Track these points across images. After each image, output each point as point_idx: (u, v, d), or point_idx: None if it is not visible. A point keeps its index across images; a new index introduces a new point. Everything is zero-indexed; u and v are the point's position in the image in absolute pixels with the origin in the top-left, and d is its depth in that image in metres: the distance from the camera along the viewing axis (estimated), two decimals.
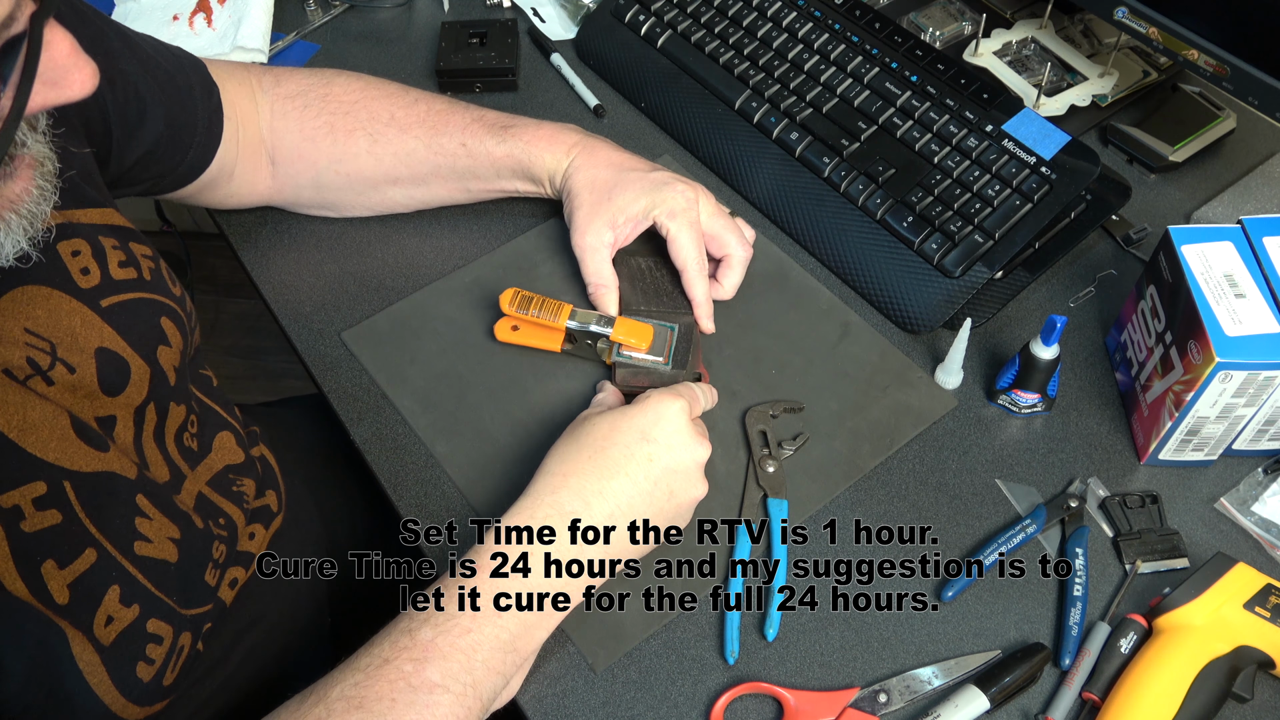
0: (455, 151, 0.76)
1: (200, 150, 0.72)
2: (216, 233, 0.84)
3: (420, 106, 0.77)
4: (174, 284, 0.64)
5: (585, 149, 0.75)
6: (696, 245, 0.73)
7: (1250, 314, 0.62)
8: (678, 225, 0.72)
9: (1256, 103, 0.72)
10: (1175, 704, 0.56)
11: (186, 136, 0.71)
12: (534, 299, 0.72)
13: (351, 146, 0.76)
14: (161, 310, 0.61)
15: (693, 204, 0.73)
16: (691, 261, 0.73)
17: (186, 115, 0.70)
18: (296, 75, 0.78)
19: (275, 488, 0.73)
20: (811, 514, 0.67)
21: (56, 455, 0.51)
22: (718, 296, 0.76)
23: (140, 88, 0.66)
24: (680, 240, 0.72)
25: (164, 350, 0.60)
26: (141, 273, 0.60)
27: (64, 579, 0.50)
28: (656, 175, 0.74)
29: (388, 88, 0.78)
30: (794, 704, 0.59)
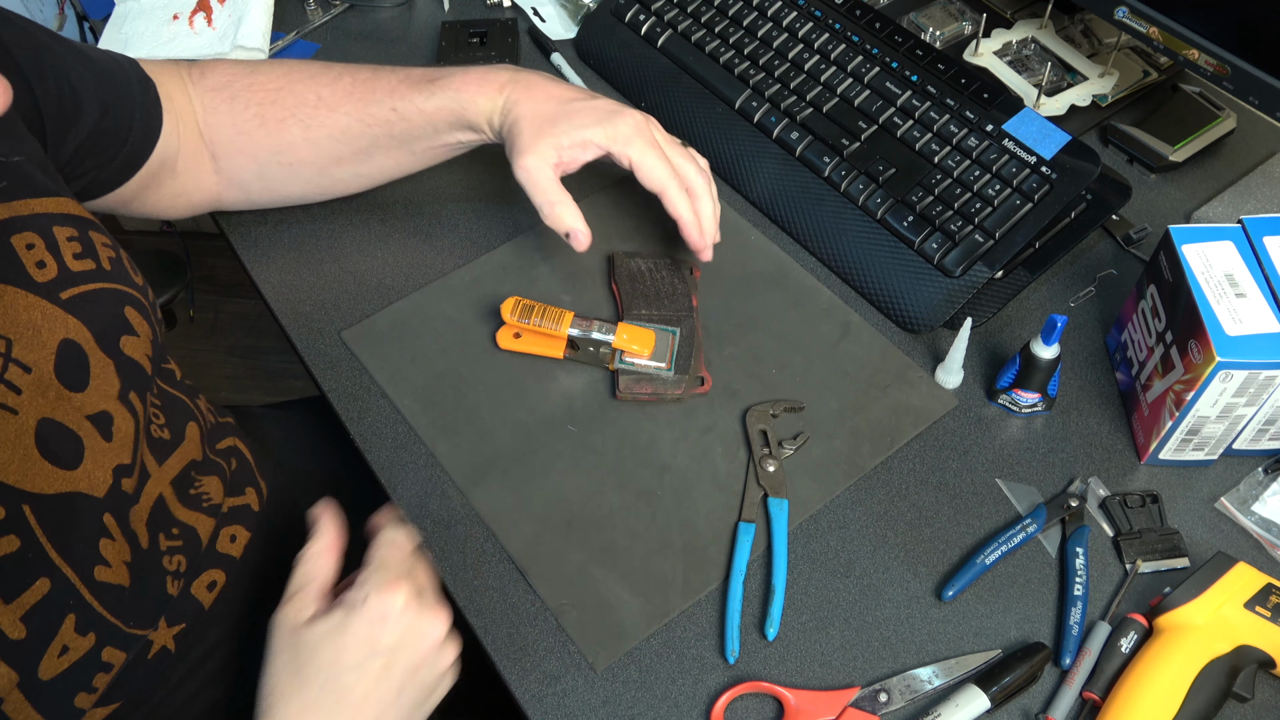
0: (388, 118, 0.74)
1: (136, 145, 0.71)
2: (216, 233, 0.84)
3: (345, 80, 0.75)
4: (135, 273, 0.62)
5: (520, 84, 0.72)
6: (664, 162, 0.70)
7: (1251, 313, 0.62)
8: (639, 149, 0.69)
9: (1257, 103, 0.72)
10: (1176, 703, 0.56)
11: (123, 129, 0.69)
12: (535, 307, 0.72)
13: (286, 135, 0.75)
14: (124, 300, 0.60)
15: (644, 126, 0.71)
16: (666, 179, 0.70)
17: (122, 107, 0.69)
18: (221, 66, 0.77)
19: (254, 485, 0.71)
20: (812, 513, 0.67)
21: (17, 478, 0.50)
22: (703, 244, 0.73)
23: (73, 81, 0.65)
24: (646, 162, 0.70)
25: (130, 340, 0.59)
26: (100, 262, 0.59)
27: (14, 613, 0.49)
28: (601, 103, 0.71)
29: (311, 68, 0.76)
30: (794, 703, 0.59)
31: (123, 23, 1.00)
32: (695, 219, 0.71)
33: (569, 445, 0.70)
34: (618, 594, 0.63)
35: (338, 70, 0.76)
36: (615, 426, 0.71)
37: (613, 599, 0.63)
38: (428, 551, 0.62)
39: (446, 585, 0.64)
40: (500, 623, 0.63)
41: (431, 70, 0.75)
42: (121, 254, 0.62)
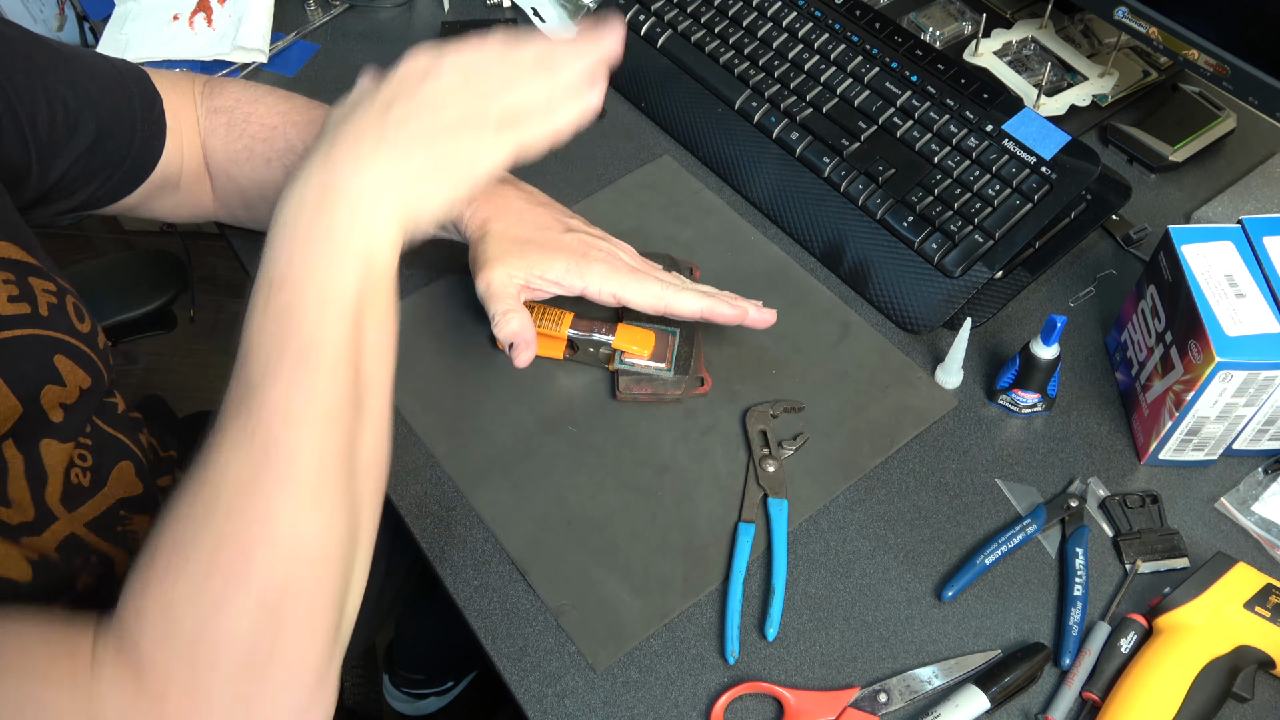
0: None
1: (137, 161, 0.70)
2: (217, 233, 0.84)
3: None
4: (80, 321, 0.61)
5: (494, 199, 0.71)
6: (653, 281, 0.69)
7: (1250, 314, 0.62)
8: (620, 285, 0.69)
9: (1256, 103, 0.72)
10: (1175, 704, 0.56)
11: (122, 148, 0.69)
12: (535, 308, 0.72)
13: (270, 176, 0.74)
14: (56, 347, 0.59)
15: (614, 258, 0.70)
16: (658, 299, 0.69)
17: (121, 127, 0.69)
18: (230, 88, 0.76)
19: None
20: (812, 514, 0.67)
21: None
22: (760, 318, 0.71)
23: (68, 100, 0.65)
24: (631, 297, 0.69)
25: (52, 390, 0.58)
26: (37, 308, 0.58)
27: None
28: (571, 239, 0.70)
29: (311, 113, 0.74)
30: (794, 704, 0.59)
31: (123, 23, 1.00)
32: (713, 302, 0.69)
33: (569, 445, 0.70)
34: (618, 594, 0.63)
35: None
36: (615, 427, 0.71)
37: (613, 599, 0.63)
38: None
39: (447, 585, 0.64)
40: (500, 623, 0.63)
41: None
42: (68, 300, 0.61)
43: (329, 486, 0.48)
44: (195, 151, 0.75)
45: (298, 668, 0.45)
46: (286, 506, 0.46)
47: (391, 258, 0.53)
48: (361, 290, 0.51)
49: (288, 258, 0.50)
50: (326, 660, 0.46)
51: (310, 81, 0.95)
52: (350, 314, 0.50)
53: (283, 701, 0.44)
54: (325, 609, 0.46)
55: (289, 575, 0.45)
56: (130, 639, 0.44)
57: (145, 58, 0.96)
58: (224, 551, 0.45)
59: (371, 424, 0.52)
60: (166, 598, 0.44)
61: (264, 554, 0.45)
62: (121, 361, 1.85)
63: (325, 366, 0.49)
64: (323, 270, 0.50)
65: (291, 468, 0.47)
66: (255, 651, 0.44)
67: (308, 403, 0.48)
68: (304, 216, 0.51)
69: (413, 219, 0.54)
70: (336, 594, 0.47)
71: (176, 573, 0.44)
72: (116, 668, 0.43)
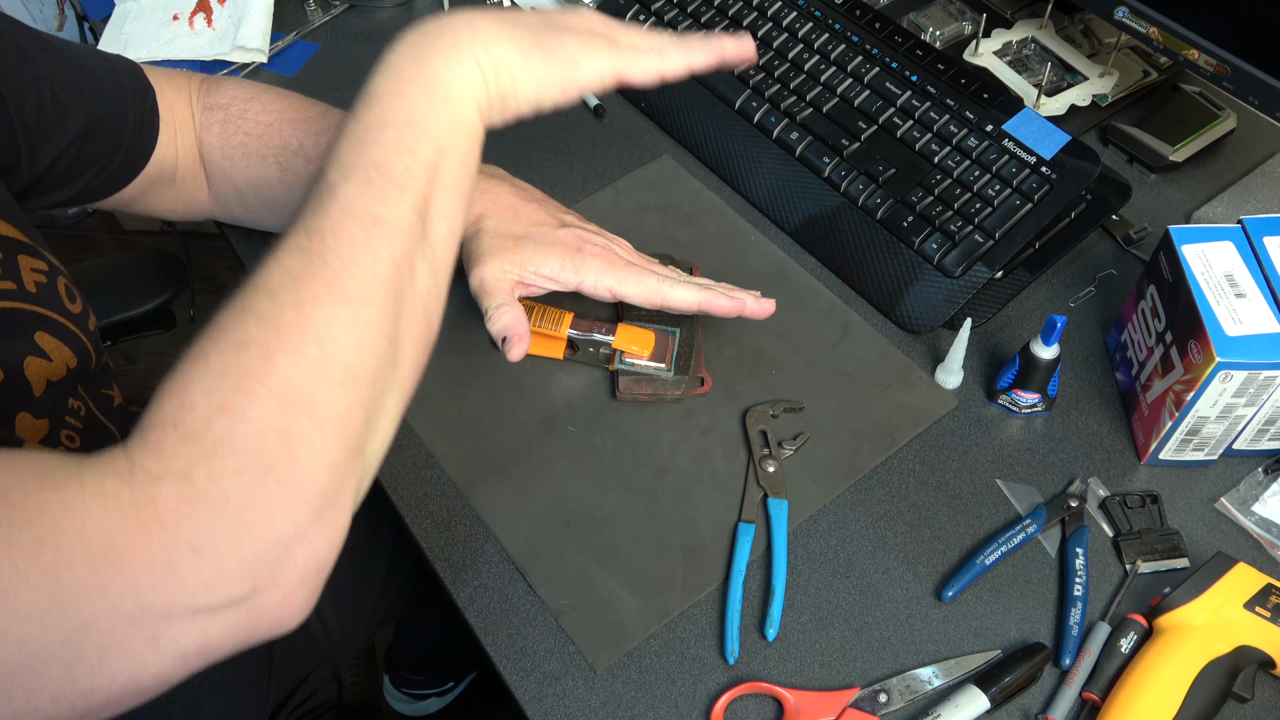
0: None
1: (131, 154, 0.70)
2: (217, 233, 0.84)
3: (332, 135, 0.72)
4: (72, 301, 0.62)
5: (487, 195, 0.71)
6: (647, 275, 0.69)
7: (1250, 314, 0.62)
8: (616, 280, 0.68)
9: (1256, 103, 0.72)
10: (1175, 704, 0.56)
11: (114, 139, 0.69)
12: (535, 308, 0.72)
13: (264, 173, 0.74)
14: (40, 323, 0.59)
15: (609, 252, 0.70)
16: (654, 292, 0.69)
17: (113, 118, 0.68)
18: (227, 85, 0.76)
19: None
20: (812, 514, 0.67)
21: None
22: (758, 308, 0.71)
23: (57, 89, 0.65)
24: (627, 291, 0.69)
25: (37, 364, 0.58)
26: (23, 284, 0.58)
27: None
28: (565, 234, 0.70)
29: (307, 111, 0.74)
30: (794, 704, 0.59)
31: (123, 23, 1.00)
32: (711, 295, 0.69)
33: (569, 446, 0.70)
34: (618, 594, 0.63)
35: (332, 121, 0.74)
36: (615, 427, 0.71)
37: (613, 599, 0.63)
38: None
39: (447, 585, 0.64)
40: (500, 623, 0.63)
41: None
42: (60, 281, 0.61)
43: (373, 304, 0.47)
44: (190, 146, 0.75)
45: (301, 482, 0.42)
46: (324, 314, 0.45)
47: (480, 110, 0.55)
48: (447, 127, 0.52)
49: (385, 81, 0.53)
50: (336, 484, 0.44)
51: (310, 81, 0.95)
52: (432, 144, 0.51)
53: (280, 514, 0.42)
54: (344, 429, 0.44)
55: (311, 383, 0.43)
56: (138, 430, 0.42)
57: (145, 58, 0.96)
58: (249, 350, 0.43)
59: (429, 264, 0.51)
60: (181, 386, 0.43)
61: (288, 357, 0.43)
62: (121, 361, 1.84)
63: (397, 181, 0.49)
64: (415, 97, 0.52)
65: (339, 274, 0.46)
66: (261, 452, 0.41)
67: (373, 208, 0.48)
68: (409, 46, 0.54)
69: (508, 86, 0.56)
70: (359, 420, 0.45)
71: (200, 367, 0.43)
72: (111, 457, 0.41)
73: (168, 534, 0.39)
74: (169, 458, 0.40)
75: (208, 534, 0.40)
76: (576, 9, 0.63)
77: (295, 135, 0.73)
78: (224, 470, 0.41)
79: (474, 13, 0.56)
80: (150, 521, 0.39)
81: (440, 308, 0.53)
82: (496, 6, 0.57)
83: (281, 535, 0.42)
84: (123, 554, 0.38)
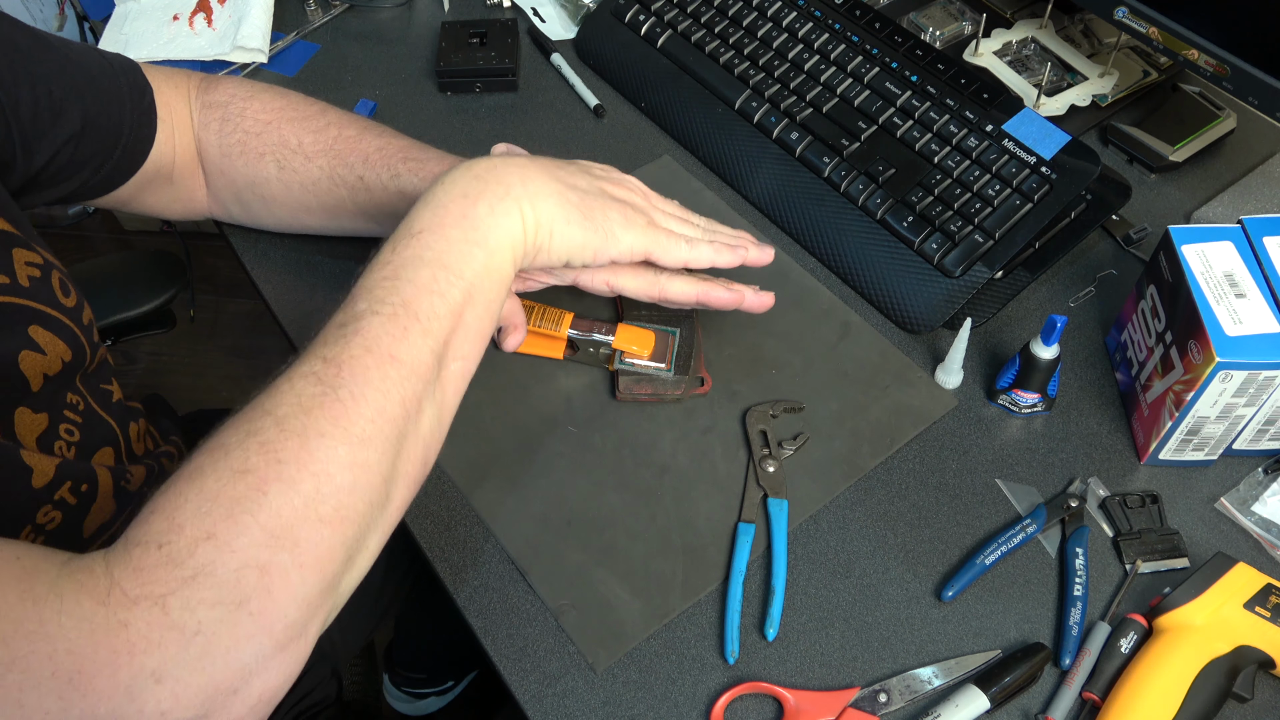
0: (354, 185, 0.72)
1: (128, 152, 0.70)
2: (216, 233, 0.84)
3: (330, 132, 0.73)
4: (66, 296, 0.62)
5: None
6: (640, 273, 0.67)
7: (1250, 314, 0.62)
8: (612, 274, 0.66)
9: (1256, 103, 0.72)
10: (1175, 704, 0.56)
11: (111, 137, 0.69)
12: (535, 308, 0.72)
13: (262, 170, 0.74)
14: (34, 317, 0.59)
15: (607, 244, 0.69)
16: (652, 285, 0.67)
17: (110, 115, 0.68)
18: (226, 84, 0.76)
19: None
20: (812, 514, 0.67)
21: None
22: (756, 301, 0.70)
23: (53, 87, 0.65)
24: (624, 285, 0.67)
25: (32, 358, 0.58)
26: (17, 279, 0.58)
27: None
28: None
29: (306, 109, 0.75)
30: (794, 704, 0.59)
31: (123, 23, 1.00)
32: (735, 294, 0.68)
33: (569, 446, 0.70)
34: (618, 594, 0.63)
35: (330, 119, 0.74)
36: (615, 427, 0.71)
37: (613, 599, 0.63)
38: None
39: (447, 585, 0.64)
40: (500, 623, 0.63)
41: (413, 146, 0.73)
42: (54, 275, 0.61)
43: (376, 445, 0.47)
44: (188, 145, 0.75)
45: (272, 617, 0.43)
46: (326, 450, 0.45)
47: (514, 259, 0.56)
48: (479, 272, 0.53)
49: (428, 216, 0.54)
50: (305, 619, 0.44)
51: (310, 81, 0.95)
52: (462, 288, 0.52)
53: (245, 647, 0.42)
54: (323, 567, 0.45)
55: (300, 520, 0.44)
56: (123, 541, 0.42)
57: (145, 58, 0.96)
58: (246, 478, 0.44)
59: (436, 405, 0.52)
60: (173, 506, 0.43)
61: (282, 490, 0.44)
62: (121, 361, 1.84)
63: (422, 322, 0.50)
64: (454, 238, 0.53)
65: (349, 411, 0.46)
66: (239, 584, 0.42)
67: (394, 347, 0.49)
68: (458, 186, 0.55)
69: (544, 242, 0.57)
70: (340, 558, 0.46)
71: (195, 487, 0.43)
72: (92, 570, 0.41)
73: (135, 662, 0.39)
74: (148, 580, 0.41)
75: (172, 663, 0.40)
76: (623, 177, 0.65)
77: (293, 133, 0.73)
78: (199, 600, 0.41)
79: (527, 163, 0.58)
80: (119, 648, 0.39)
81: (439, 447, 0.54)
82: (527, 158, 0.60)
83: (243, 667, 0.42)
84: (88, 680, 0.39)
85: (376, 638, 1.42)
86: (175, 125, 0.73)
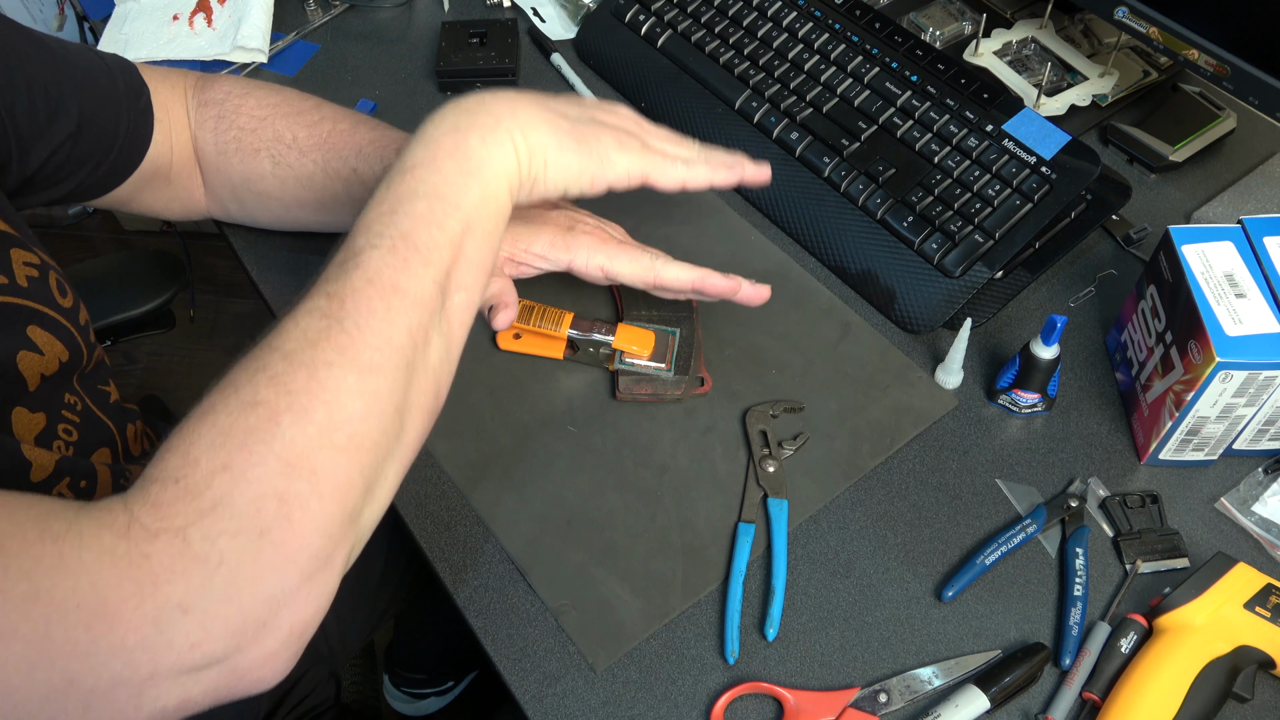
0: (348, 177, 0.72)
1: (125, 152, 0.70)
2: (216, 233, 0.84)
3: (324, 126, 0.73)
4: (63, 296, 0.62)
5: None
6: (635, 257, 0.68)
7: (1250, 314, 0.62)
8: (608, 258, 0.67)
9: (1257, 103, 0.72)
10: (1175, 704, 0.56)
11: (107, 137, 0.69)
12: (535, 308, 0.72)
13: (257, 167, 0.73)
14: (31, 317, 0.59)
15: (600, 232, 0.70)
16: (648, 270, 0.68)
17: (106, 115, 0.68)
18: (222, 82, 0.76)
19: None
20: (812, 514, 0.67)
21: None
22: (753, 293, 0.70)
23: (49, 87, 0.65)
24: (620, 269, 0.68)
25: (30, 358, 0.58)
26: (15, 279, 0.58)
27: None
28: (557, 214, 0.70)
29: (300, 104, 0.74)
30: (794, 704, 0.59)
31: (123, 23, 1.00)
32: (731, 281, 0.68)
33: (569, 445, 0.70)
34: (618, 594, 0.63)
35: (325, 114, 0.74)
36: (615, 427, 0.71)
37: (613, 599, 0.63)
38: None
39: (447, 585, 0.64)
40: (500, 623, 0.63)
41: (406, 139, 0.72)
42: (51, 275, 0.61)
43: (385, 373, 0.47)
44: (185, 144, 0.75)
45: (294, 547, 0.42)
46: (335, 380, 0.45)
47: (510, 190, 0.56)
48: (476, 203, 0.53)
49: (421, 151, 0.54)
50: (330, 549, 0.44)
51: (310, 81, 0.95)
52: (460, 219, 0.52)
53: (271, 577, 0.42)
54: (342, 496, 0.45)
55: (315, 448, 0.44)
56: (141, 480, 0.42)
57: (145, 58, 0.96)
58: (257, 409, 0.44)
59: (443, 336, 0.52)
60: (188, 442, 0.43)
61: (295, 420, 0.44)
62: (121, 361, 1.84)
63: (421, 253, 0.50)
64: (449, 171, 0.53)
65: (355, 340, 0.46)
66: (259, 514, 0.42)
67: (396, 278, 0.49)
68: (448, 121, 0.55)
69: (539, 171, 0.57)
70: (358, 488, 0.46)
71: (208, 423, 0.43)
72: (110, 508, 0.41)
73: (160, 593, 0.39)
74: (167, 514, 0.41)
75: (198, 594, 0.40)
76: (614, 105, 0.65)
77: (288, 128, 0.73)
78: (220, 530, 0.41)
79: (516, 95, 0.58)
80: (143, 579, 0.39)
81: (449, 379, 0.54)
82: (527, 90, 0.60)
83: (270, 598, 0.42)
84: (114, 612, 0.39)
85: (376, 638, 1.42)
86: (172, 125, 0.73)
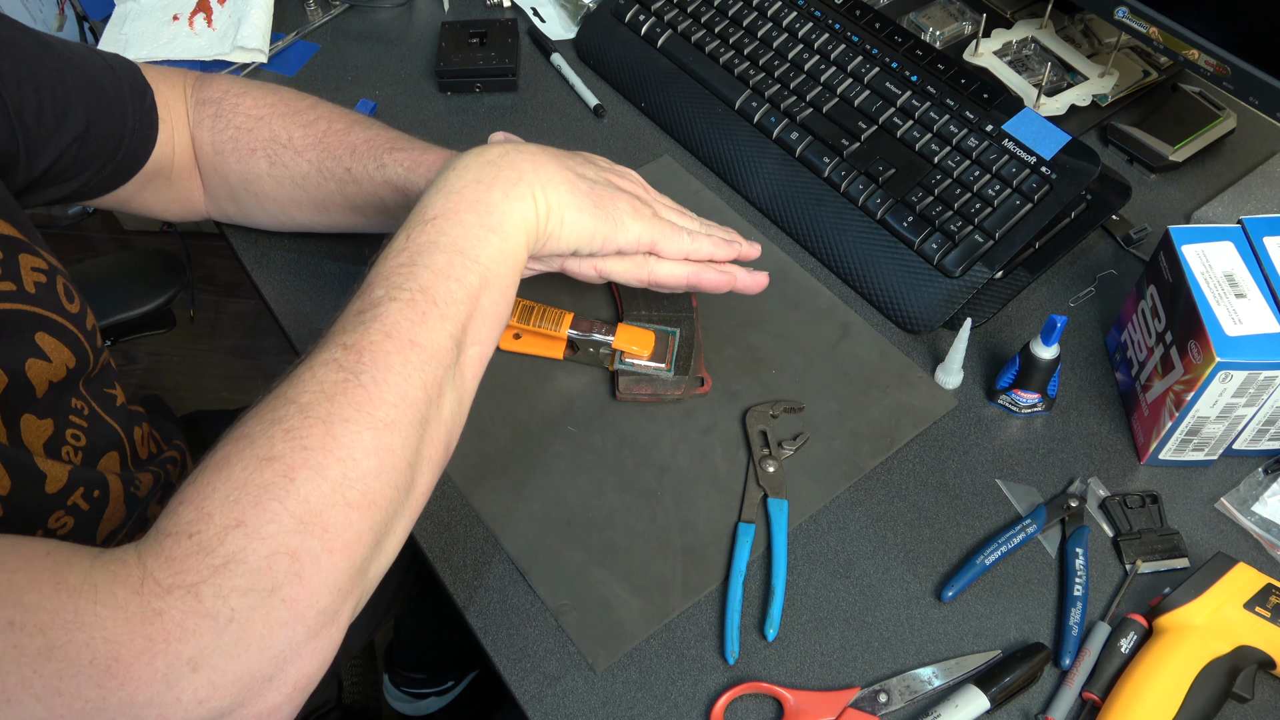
0: (342, 177, 0.71)
1: (130, 152, 0.70)
2: (216, 233, 0.84)
3: (320, 126, 0.73)
4: (70, 301, 0.62)
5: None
6: (627, 260, 0.66)
7: (1250, 314, 0.62)
8: (601, 259, 0.65)
9: (1256, 103, 0.72)
10: (1175, 704, 0.56)
11: (114, 138, 0.69)
12: (535, 309, 0.72)
13: (254, 166, 0.73)
14: (40, 324, 0.59)
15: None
16: (640, 268, 0.65)
17: (113, 116, 0.69)
18: (220, 81, 0.76)
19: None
20: (812, 514, 0.67)
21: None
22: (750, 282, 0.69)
23: (56, 89, 0.65)
24: (612, 270, 0.66)
25: (38, 365, 0.58)
26: (23, 285, 0.58)
27: None
28: None
29: (297, 104, 0.74)
30: (794, 704, 0.59)
31: (123, 23, 1.00)
32: (726, 275, 0.67)
33: (569, 446, 0.70)
34: (618, 594, 0.63)
35: (321, 113, 0.74)
36: (615, 427, 0.71)
37: (613, 599, 0.63)
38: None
39: (447, 585, 0.64)
40: (500, 623, 0.63)
41: (400, 138, 0.72)
42: (58, 280, 0.61)
43: (399, 429, 0.47)
44: (185, 144, 0.75)
45: (304, 603, 0.43)
46: (351, 436, 0.45)
47: (527, 245, 0.57)
48: (494, 257, 0.54)
49: (442, 201, 0.54)
50: (337, 605, 0.44)
51: (310, 81, 0.95)
52: (478, 273, 0.53)
53: (279, 633, 0.42)
54: (352, 552, 0.45)
55: (328, 505, 0.44)
56: (154, 532, 0.42)
57: (145, 58, 0.96)
58: (273, 465, 0.44)
59: (456, 390, 0.52)
60: (202, 495, 0.43)
61: (309, 476, 0.44)
62: (121, 361, 1.84)
63: (440, 307, 0.51)
64: (469, 223, 0.54)
65: (371, 396, 0.47)
66: (270, 571, 0.42)
67: (413, 332, 0.49)
68: (471, 172, 0.56)
69: (555, 229, 0.58)
70: (368, 543, 0.46)
71: (223, 477, 0.43)
72: (125, 561, 0.41)
73: (170, 650, 0.40)
74: (180, 569, 0.41)
75: (208, 651, 0.40)
76: (624, 170, 0.67)
77: (284, 128, 0.73)
78: (232, 588, 0.41)
79: (538, 150, 0.59)
80: (155, 636, 0.40)
81: (459, 432, 0.54)
82: (540, 147, 0.62)
83: (278, 654, 0.42)
84: (125, 669, 0.39)
85: (376, 638, 1.42)
86: (174, 125, 0.74)
